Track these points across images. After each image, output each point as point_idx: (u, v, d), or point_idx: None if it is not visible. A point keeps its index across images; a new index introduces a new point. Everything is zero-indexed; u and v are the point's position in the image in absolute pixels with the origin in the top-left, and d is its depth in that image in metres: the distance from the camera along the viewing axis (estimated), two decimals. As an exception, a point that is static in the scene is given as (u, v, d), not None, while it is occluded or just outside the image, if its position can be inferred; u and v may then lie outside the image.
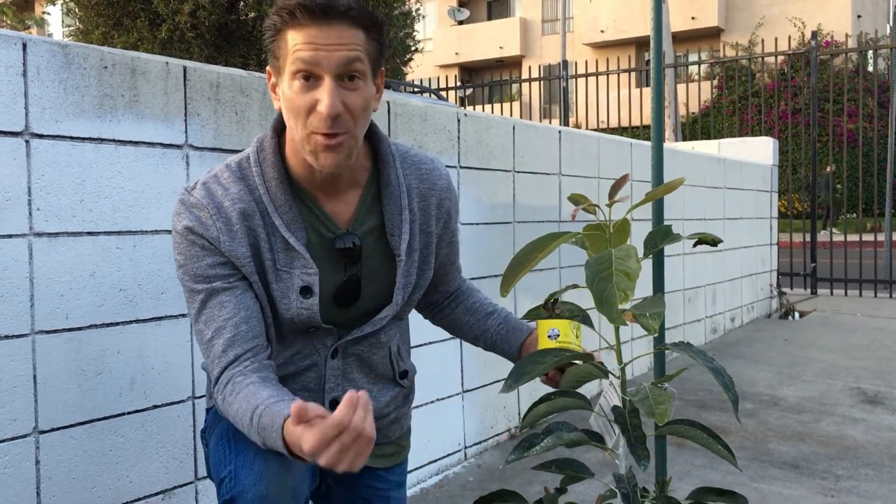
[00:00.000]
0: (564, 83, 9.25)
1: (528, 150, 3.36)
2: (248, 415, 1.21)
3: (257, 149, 1.36)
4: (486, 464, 2.98)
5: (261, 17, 9.70)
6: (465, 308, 1.64)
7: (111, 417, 1.82)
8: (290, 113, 1.27)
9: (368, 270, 1.41)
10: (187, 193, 1.32)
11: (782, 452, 3.06)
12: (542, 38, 28.30)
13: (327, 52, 1.23)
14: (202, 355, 1.34)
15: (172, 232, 1.33)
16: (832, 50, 8.57)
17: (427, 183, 1.47)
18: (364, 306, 1.42)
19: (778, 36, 9.27)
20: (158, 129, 1.91)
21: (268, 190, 1.33)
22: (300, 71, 1.24)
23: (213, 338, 1.30)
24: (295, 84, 1.25)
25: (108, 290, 1.81)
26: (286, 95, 1.27)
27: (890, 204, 8.42)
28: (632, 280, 1.12)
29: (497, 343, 1.60)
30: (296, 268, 1.34)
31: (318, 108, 1.23)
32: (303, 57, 1.23)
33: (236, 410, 1.24)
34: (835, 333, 5.73)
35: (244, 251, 1.31)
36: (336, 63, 1.23)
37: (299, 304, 1.34)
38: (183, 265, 1.31)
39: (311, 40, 1.23)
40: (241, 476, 1.23)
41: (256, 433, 1.19)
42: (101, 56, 1.80)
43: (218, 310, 1.30)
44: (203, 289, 1.30)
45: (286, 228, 1.33)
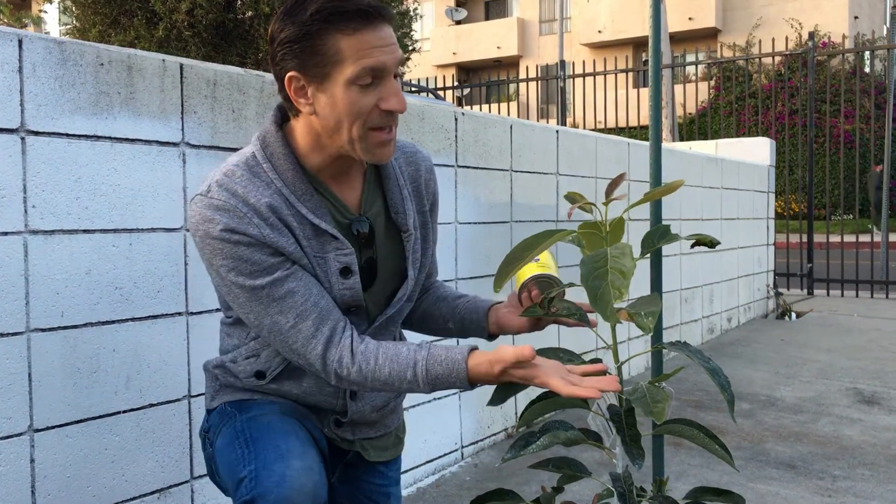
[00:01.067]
0: (562, 83, 9.25)
1: (525, 150, 3.35)
2: (408, 371, 1.30)
3: (262, 145, 1.36)
4: (483, 463, 2.97)
5: (258, 17, 9.68)
6: (436, 297, 1.66)
7: (107, 416, 1.82)
8: (349, 116, 1.28)
9: (383, 252, 1.44)
10: (206, 198, 1.29)
11: (779, 452, 3.06)
12: (539, 39, 28.29)
13: (391, 53, 1.28)
14: (282, 345, 1.32)
15: (207, 241, 1.28)
16: (829, 50, 8.57)
17: (413, 165, 1.52)
18: (381, 289, 1.45)
19: (775, 37, 9.29)
20: (155, 126, 1.90)
21: (285, 182, 1.33)
22: (369, 75, 1.27)
23: (296, 323, 1.30)
24: (354, 88, 1.27)
25: (104, 288, 1.80)
26: (342, 100, 1.27)
27: (887, 205, 8.43)
28: (626, 278, 1.12)
29: (465, 315, 1.59)
30: (329, 252, 1.35)
31: (385, 106, 1.28)
32: (373, 64, 1.26)
33: (388, 374, 1.30)
34: (832, 334, 5.73)
35: (287, 240, 1.31)
36: (397, 62, 1.29)
37: (341, 285, 1.36)
38: (234, 268, 1.28)
39: (376, 44, 1.27)
40: (263, 477, 1.23)
41: (425, 383, 1.30)
42: (97, 53, 1.79)
43: (290, 298, 1.30)
44: (266, 282, 1.29)
45: (313, 215, 1.34)
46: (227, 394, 1.48)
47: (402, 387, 1.31)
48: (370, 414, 1.50)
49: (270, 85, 2.18)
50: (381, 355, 1.31)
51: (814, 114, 7.96)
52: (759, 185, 6.58)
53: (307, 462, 1.26)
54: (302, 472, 1.24)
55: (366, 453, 1.54)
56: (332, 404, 1.47)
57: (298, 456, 1.26)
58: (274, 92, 2.19)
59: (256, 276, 1.29)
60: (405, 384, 1.30)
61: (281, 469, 1.23)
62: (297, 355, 1.32)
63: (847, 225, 14.82)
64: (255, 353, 1.43)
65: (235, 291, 1.30)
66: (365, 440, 1.54)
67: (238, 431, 1.36)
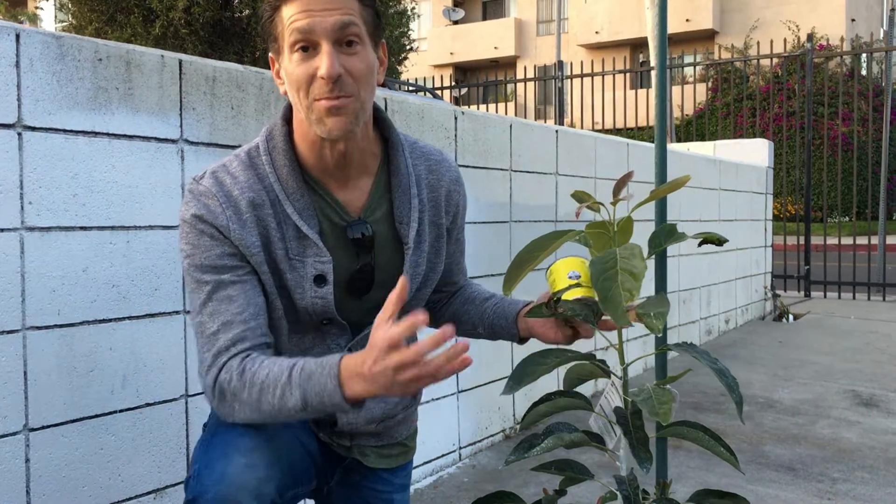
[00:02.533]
0: (560, 83, 9.24)
1: (525, 150, 3.34)
2: (285, 373, 1.17)
3: (267, 137, 1.34)
4: (481, 464, 2.96)
5: (256, 15, 9.66)
6: (463, 298, 1.61)
7: (103, 415, 1.79)
8: (293, 87, 1.26)
9: (381, 259, 1.39)
10: (196, 183, 1.30)
11: (778, 455, 3.05)
12: (536, 39, 28.30)
13: (321, 17, 1.22)
14: (199, 348, 1.27)
15: (180, 222, 1.29)
16: (827, 52, 8.57)
17: (436, 174, 1.46)
18: (376, 297, 1.37)
19: (772, 38, 9.29)
20: (153, 123, 1.88)
21: (278, 178, 1.31)
22: (297, 42, 1.23)
23: (218, 331, 1.24)
24: (294, 57, 1.24)
25: (101, 285, 1.78)
26: (287, 71, 1.26)
27: (884, 207, 8.44)
28: (637, 279, 1.10)
29: (494, 321, 1.52)
30: (308, 256, 1.31)
31: (318, 73, 1.23)
32: (298, 27, 1.22)
33: (265, 375, 1.18)
34: (829, 336, 5.73)
35: (254, 240, 1.28)
36: (331, 27, 1.23)
37: (313, 293, 1.32)
38: (190, 255, 1.27)
39: (305, 8, 1.23)
40: (204, 476, 1.19)
41: (297, 386, 1.16)
42: (95, 48, 1.77)
43: (226, 304, 1.26)
44: (211, 280, 1.26)
45: (298, 216, 1.30)
46: None
47: (275, 393, 1.17)
48: (366, 426, 1.44)
49: (269, 82, 2.16)
50: (269, 359, 1.22)
51: (811, 116, 7.96)
52: (758, 187, 6.57)
53: (252, 459, 1.20)
54: (243, 469, 1.19)
55: (366, 459, 1.48)
56: None
57: (244, 453, 1.20)
58: (273, 89, 2.18)
59: (206, 271, 1.26)
60: (279, 388, 1.17)
61: (221, 467, 1.19)
62: (202, 364, 1.26)
63: (844, 227, 14.84)
64: None
65: (187, 279, 1.29)
66: (365, 446, 1.48)
67: (209, 428, 1.33)
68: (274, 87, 2.17)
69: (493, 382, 3.15)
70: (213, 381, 1.23)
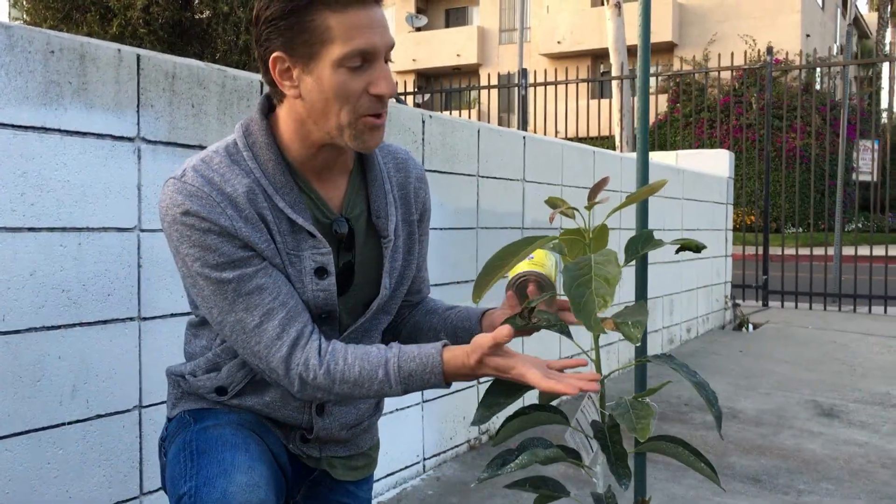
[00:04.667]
0: (523, 91, 9.24)
1: (492, 155, 3.29)
2: (380, 370, 1.23)
3: (244, 133, 1.28)
4: (446, 476, 2.89)
5: (216, 16, 9.51)
6: (425, 310, 1.58)
7: (50, 428, 1.69)
8: (338, 99, 1.21)
9: (361, 257, 1.36)
10: (180, 182, 1.21)
11: (743, 466, 3.03)
12: (499, 47, 28.38)
13: (382, 34, 1.22)
14: (243, 343, 1.23)
15: (174, 226, 1.20)
16: (786, 66, 8.70)
17: (403, 172, 1.45)
18: (357, 296, 1.37)
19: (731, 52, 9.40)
20: (109, 119, 1.79)
21: (264, 173, 1.26)
22: (359, 56, 1.19)
23: (261, 322, 1.21)
24: (342, 70, 1.20)
25: (50, 290, 1.68)
26: (329, 82, 1.20)
27: (840, 219, 8.57)
28: (611, 286, 1.05)
29: (458, 325, 1.49)
30: (304, 250, 1.27)
31: (374, 90, 1.22)
32: (363, 45, 1.19)
33: (357, 374, 1.23)
34: (788, 346, 5.78)
35: (261, 235, 1.23)
36: (388, 46, 1.23)
37: (315, 286, 1.28)
38: (200, 258, 1.19)
39: (365, 26, 1.19)
40: (203, 494, 1.14)
41: (398, 383, 1.23)
42: (47, 40, 1.68)
43: (258, 295, 1.21)
44: (233, 276, 1.20)
45: (291, 210, 1.26)
46: (188, 402, 1.38)
47: (372, 388, 1.22)
48: (339, 432, 1.42)
49: (232, 80, 2.09)
50: (350, 354, 1.23)
51: (770, 128, 8.05)
52: (719, 197, 6.62)
53: (253, 478, 1.17)
54: (246, 489, 1.15)
55: (334, 471, 1.45)
56: (297, 420, 1.38)
57: (244, 471, 1.17)
58: (236, 87, 2.10)
59: (224, 269, 1.20)
60: (376, 384, 1.22)
61: (223, 485, 1.14)
62: (258, 358, 1.23)
63: (801, 238, 15.09)
64: (215, 367, 1.33)
65: (200, 284, 1.21)
66: (333, 458, 1.45)
67: (186, 443, 1.27)
68: (237, 85, 2.09)
69: (457, 392, 3.09)
70: (286, 372, 1.23)
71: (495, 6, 28.66)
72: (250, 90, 2.14)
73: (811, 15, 25.41)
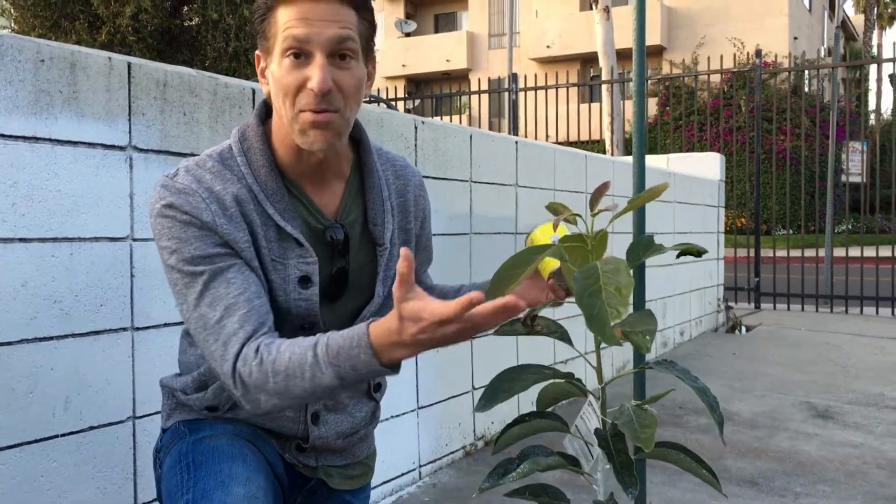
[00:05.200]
0: (514, 96, 9.24)
1: (485, 160, 3.28)
2: (309, 354, 1.11)
3: (240, 138, 1.29)
4: (442, 483, 2.87)
5: (206, 23, 9.48)
6: (437, 294, 1.57)
7: (43, 440, 1.67)
8: (279, 92, 1.21)
9: (354, 264, 1.35)
10: (170, 180, 1.22)
11: (740, 469, 3.03)
12: (488, 52, 28.42)
13: (319, 28, 1.18)
14: (204, 343, 1.18)
15: (157, 220, 1.20)
16: (775, 69, 8.73)
17: (402, 179, 1.44)
18: (348, 303, 1.36)
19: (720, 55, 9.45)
20: (100, 128, 1.77)
21: (256, 179, 1.25)
22: (291, 48, 1.18)
23: (222, 318, 1.16)
24: (285, 62, 1.19)
25: (42, 301, 1.66)
26: (275, 75, 1.21)
27: (831, 221, 8.60)
28: (623, 296, 1.03)
29: None
30: (290, 258, 1.26)
31: (308, 84, 1.18)
32: (294, 34, 1.17)
33: (287, 360, 1.11)
34: (781, 347, 5.78)
35: (242, 235, 1.21)
36: (328, 40, 1.18)
37: (297, 294, 1.27)
38: (177, 250, 1.18)
39: (303, 16, 1.17)
40: None
41: (328, 364, 1.09)
42: (37, 48, 1.66)
43: (225, 287, 1.18)
44: (205, 269, 1.18)
45: (280, 217, 1.25)
46: (182, 412, 1.37)
47: (305, 376, 1.11)
48: (335, 441, 1.41)
49: (224, 88, 2.07)
50: (285, 344, 1.15)
51: (760, 131, 8.08)
52: (711, 200, 6.63)
53: (251, 490, 1.16)
54: (244, 501, 1.14)
55: (330, 480, 1.44)
56: (292, 429, 1.37)
57: (242, 483, 1.16)
58: (228, 95, 2.08)
59: (198, 263, 1.18)
60: (308, 370, 1.11)
61: (221, 497, 1.13)
62: (214, 360, 1.18)
63: (793, 240, 15.15)
64: (203, 386, 1.32)
65: (174, 277, 1.20)
66: (330, 467, 1.44)
67: (182, 454, 1.26)
68: (229, 93, 2.08)
69: (453, 398, 3.08)
70: (232, 373, 1.16)
71: (484, 11, 28.71)
72: (242, 97, 2.12)
73: (798, 18, 25.55)
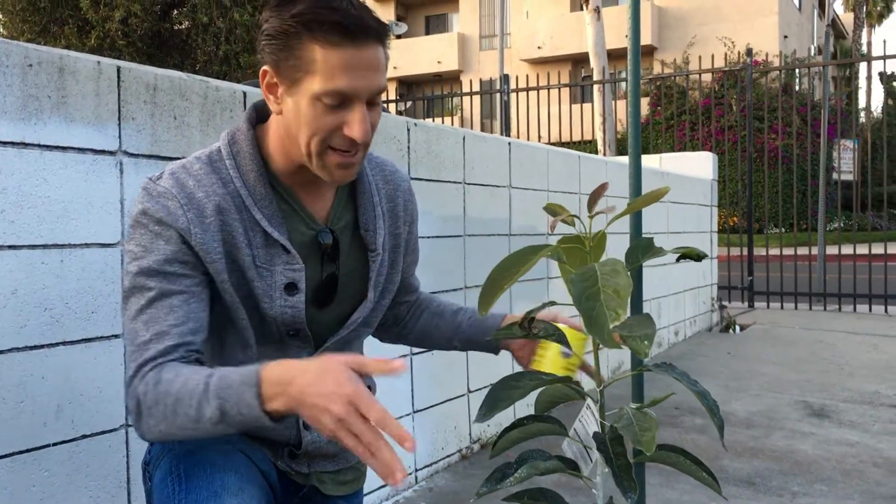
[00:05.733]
0: (506, 97, 9.23)
1: (478, 162, 3.27)
2: (202, 382, 1.07)
3: (229, 142, 1.27)
4: (438, 487, 2.86)
5: (196, 27, 9.45)
6: (431, 313, 1.60)
7: (34, 450, 1.65)
8: (307, 129, 1.18)
9: (345, 269, 1.35)
10: (153, 183, 1.21)
11: (737, 469, 3.02)
12: (479, 54, 28.43)
13: (365, 80, 1.17)
14: (127, 355, 1.17)
15: (131, 223, 1.20)
16: (767, 67, 8.74)
17: (392, 184, 1.44)
18: (338, 309, 1.35)
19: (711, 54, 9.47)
20: (89, 133, 1.75)
21: (245, 183, 1.24)
22: (337, 96, 1.16)
23: (149, 341, 1.14)
24: (319, 105, 1.16)
25: (32, 309, 1.64)
26: (305, 112, 1.17)
27: (823, 219, 8.62)
28: (622, 298, 1.02)
29: (472, 337, 1.54)
30: (277, 265, 1.25)
31: (347, 132, 1.18)
32: (342, 86, 1.15)
33: (181, 385, 1.08)
34: (776, 346, 5.78)
35: (216, 246, 1.20)
36: (372, 91, 1.18)
37: (283, 301, 1.26)
38: (139, 257, 1.17)
39: (350, 67, 1.15)
40: None
41: (215, 396, 1.05)
42: (25, 53, 1.64)
43: (165, 313, 1.16)
44: (155, 286, 1.16)
45: (268, 223, 1.24)
46: None
47: (192, 403, 1.07)
48: (327, 446, 1.40)
49: (215, 91, 2.05)
50: (185, 368, 1.11)
51: (752, 130, 8.09)
52: (703, 199, 6.63)
53: (244, 500, 1.15)
54: None
55: (323, 486, 1.43)
56: (284, 435, 1.35)
57: (234, 493, 1.14)
58: (219, 98, 2.06)
59: (152, 275, 1.16)
60: (195, 398, 1.07)
61: None
62: (126, 374, 1.16)
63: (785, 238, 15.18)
64: None
65: (126, 282, 1.18)
66: (322, 473, 1.43)
67: (173, 466, 1.23)
68: (220, 96, 2.06)
69: (449, 401, 3.06)
70: (132, 391, 1.13)
71: (475, 13, 28.72)
72: (233, 101, 2.11)
73: (788, 16, 25.64)
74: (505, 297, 3.49)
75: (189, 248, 1.19)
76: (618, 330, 1.09)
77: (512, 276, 1.05)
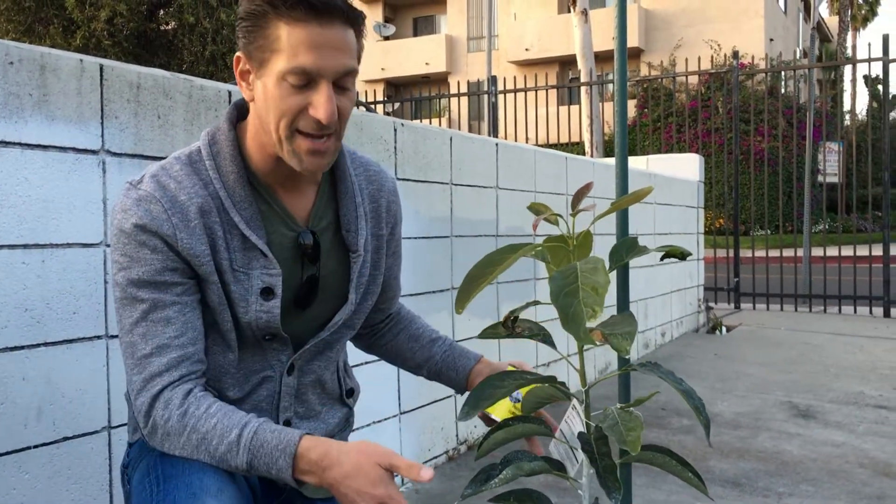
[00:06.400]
0: (493, 98, 9.24)
1: (465, 163, 3.26)
2: (234, 431, 1.14)
3: (209, 142, 1.25)
4: (425, 489, 2.85)
5: (182, 27, 9.41)
6: (408, 335, 1.59)
7: (15, 452, 1.63)
8: (273, 110, 1.17)
9: (326, 270, 1.33)
10: (134, 187, 1.19)
11: (723, 470, 3.02)
12: (467, 55, 28.45)
13: (329, 58, 1.15)
14: (127, 369, 1.18)
15: (115, 231, 1.18)
16: (753, 70, 8.79)
17: (376, 184, 1.43)
18: (319, 310, 1.34)
19: (698, 56, 9.52)
20: (71, 132, 1.73)
21: (224, 185, 1.22)
22: (302, 75, 1.14)
23: (151, 355, 1.16)
24: (285, 84, 1.15)
25: (12, 310, 1.62)
26: (271, 93, 1.16)
27: (808, 220, 8.66)
28: (600, 295, 1.02)
29: (442, 370, 1.54)
30: (254, 269, 1.24)
31: (312, 112, 1.16)
32: (304, 65, 1.13)
33: (211, 426, 1.14)
34: (762, 347, 5.81)
35: (203, 248, 1.19)
36: (337, 70, 1.16)
37: (259, 306, 1.25)
38: (126, 268, 1.16)
39: (314, 44, 1.13)
40: None
41: (247, 450, 1.13)
42: (6, 51, 1.62)
43: (162, 325, 1.17)
44: (148, 297, 1.16)
45: (246, 226, 1.22)
46: None
47: (219, 448, 1.14)
48: None
49: (199, 90, 2.04)
50: (215, 406, 1.16)
51: (738, 132, 8.12)
52: (690, 201, 6.65)
53: (223, 501, 1.14)
54: None
55: (304, 489, 1.41)
56: None
57: (214, 494, 1.13)
58: (203, 97, 2.05)
59: (142, 286, 1.16)
60: (224, 445, 1.14)
61: None
62: (133, 391, 1.19)
63: (771, 240, 15.25)
64: None
65: (117, 293, 1.18)
66: None
67: (151, 468, 1.22)
68: (204, 95, 2.05)
69: (435, 402, 3.05)
70: (147, 412, 1.17)
71: (463, 14, 28.74)
72: (218, 100, 2.09)
73: (774, 19, 25.78)
74: (492, 298, 3.48)
75: (177, 255, 1.18)
76: (599, 328, 1.09)
77: (490, 274, 1.05)
